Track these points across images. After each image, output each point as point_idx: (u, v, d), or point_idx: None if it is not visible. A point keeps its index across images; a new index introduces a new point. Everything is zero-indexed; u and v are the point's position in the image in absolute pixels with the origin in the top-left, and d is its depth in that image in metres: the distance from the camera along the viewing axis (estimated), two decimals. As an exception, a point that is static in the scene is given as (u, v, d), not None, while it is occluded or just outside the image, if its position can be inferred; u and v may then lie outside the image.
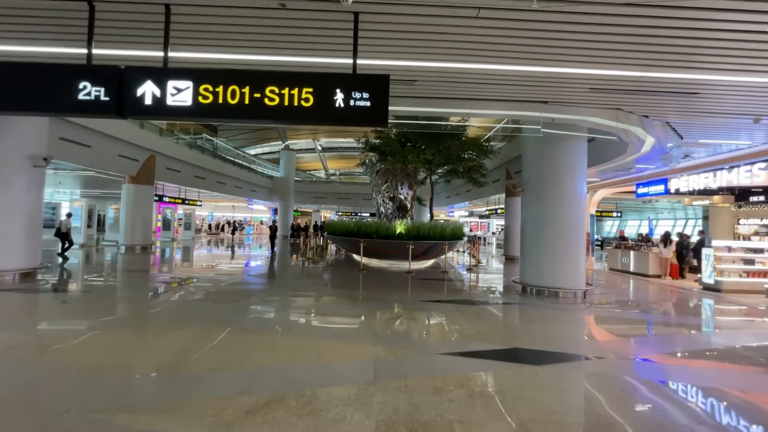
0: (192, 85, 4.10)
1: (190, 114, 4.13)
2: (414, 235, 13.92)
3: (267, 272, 13.31)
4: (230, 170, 26.12)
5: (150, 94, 4.10)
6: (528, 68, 5.49)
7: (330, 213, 55.31)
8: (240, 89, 4.12)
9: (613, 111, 7.34)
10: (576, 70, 5.54)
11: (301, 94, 4.14)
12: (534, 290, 10.10)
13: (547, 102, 7.12)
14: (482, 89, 6.61)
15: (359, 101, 4.15)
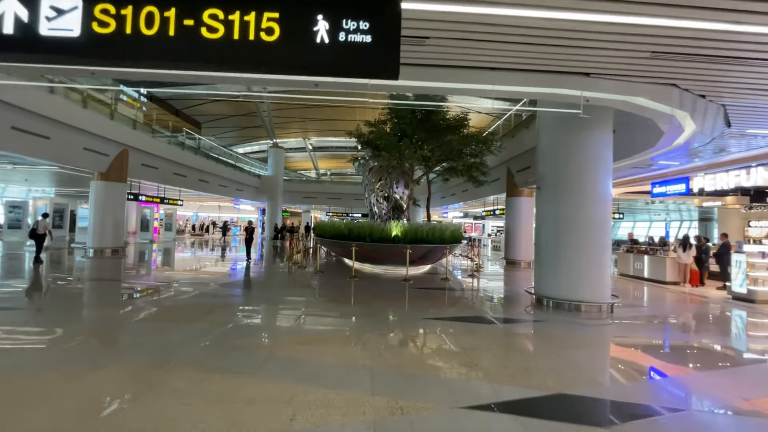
0: (81, 3, 2.50)
1: (78, 51, 2.53)
2: (411, 238, 12.39)
3: (245, 280, 11.64)
4: (214, 168, 24.33)
5: (11, 17, 2.49)
6: (586, 16, 3.97)
7: (320, 213, 53.60)
8: (161, 12, 2.52)
9: (666, 88, 5.86)
10: (647, 20, 4.04)
11: (260, 22, 2.56)
12: (551, 303, 8.63)
13: (589, 74, 5.60)
14: (511, 54, 5.07)
15: (354, 34, 2.59)
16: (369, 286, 10.66)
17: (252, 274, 12.77)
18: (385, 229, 12.62)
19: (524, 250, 16.76)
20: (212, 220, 38.64)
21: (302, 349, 5.21)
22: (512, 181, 16.92)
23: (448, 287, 10.96)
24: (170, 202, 22.26)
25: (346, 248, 12.90)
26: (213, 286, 10.12)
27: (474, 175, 15.67)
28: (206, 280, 11.31)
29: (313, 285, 10.78)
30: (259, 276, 12.52)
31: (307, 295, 9.50)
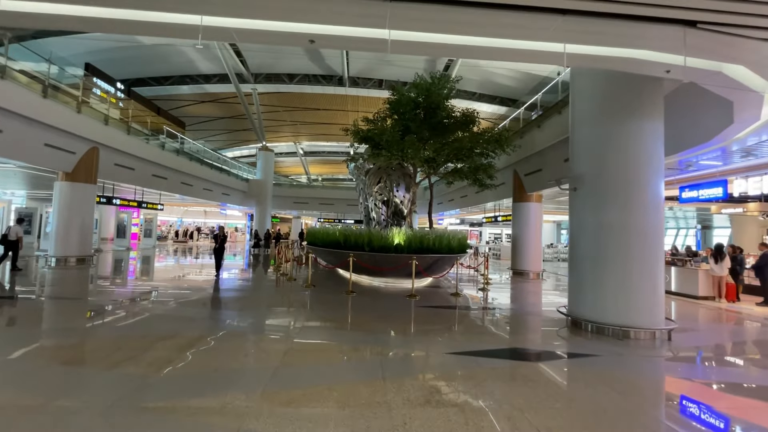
0: None
1: None
2: (417, 247, 10.69)
3: (221, 296, 9.79)
4: (198, 170, 22.37)
5: None
6: None
7: (311, 220, 51.67)
8: None
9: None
10: None
11: None
12: (592, 327, 7.01)
13: (696, 24, 3.99)
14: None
15: None
16: (369, 304, 8.91)
17: (231, 288, 10.93)
18: (386, 237, 10.90)
19: (533, 259, 15.19)
20: (197, 226, 36.40)
21: (284, 415, 3.46)
22: (520, 185, 15.39)
23: (460, 305, 9.26)
24: (149, 206, 20.22)
25: (341, 258, 11.16)
26: (174, 305, 8.25)
27: (480, 177, 14.07)
28: (172, 296, 9.34)
29: (303, 303, 9.00)
30: (239, 291, 10.68)
31: (295, 316, 7.71)
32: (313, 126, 36.21)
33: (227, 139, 41.11)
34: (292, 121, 35.30)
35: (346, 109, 31.59)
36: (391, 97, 12.32)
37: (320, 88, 27.79)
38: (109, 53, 21.11)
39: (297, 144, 42.23)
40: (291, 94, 28.99)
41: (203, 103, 31.12)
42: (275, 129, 36.89)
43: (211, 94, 29.07)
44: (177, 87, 27.78)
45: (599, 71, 7.27)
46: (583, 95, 7.66)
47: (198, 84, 27.54)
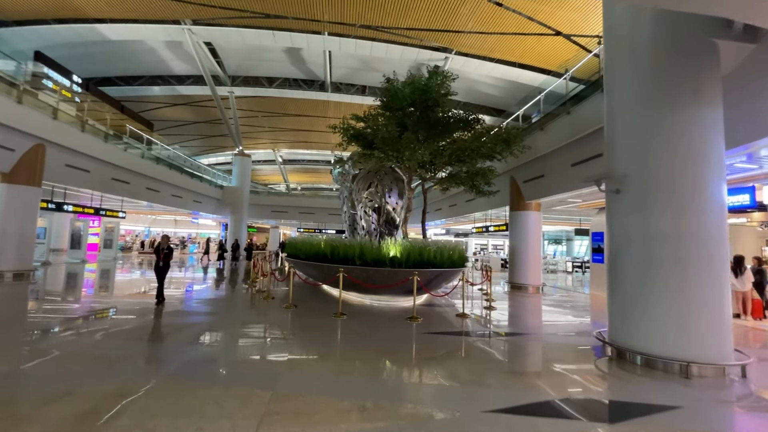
0: None
1: None
2: (416, 260, 9.11)
3: (175, 321, 7.89)
4: (166, 174, 20.19)
5: None
6: None
7: (290, 230, 49.44)
8: None
9: None
10: None
11: None
12: (642, 360, 5.60)
13: None
14: None
15: None
16: (365, 330, 7.22)
17: (192, 311, 9.03)
18: (380, 249, 9.28)
19: (532, 272, 13.86)
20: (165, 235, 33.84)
21: None
22: (518, 192, 14.11)
23: (473, 331, 7.69)
24: (108, 213, 17.90)
25: (328, 274, 9.48)
26: (101, 336, 6.36)
27: (477, 184, 12.68)
28: (108, 323, 7.22)
29: (284, 330, 7.24)
30: (202, 313, 8.79)
31: (273, 352, 5.94)
32: (292, 133, 34.39)
33: (202, 144, 38.72)
34: (271, 128, 33.39)
35: (328, 116, 29.99)
36: (384, 91, 10.82)
37: (301, 93, 26.14)
38: (72, 49, 18.99)
39: (276, 151, 40.24)
40: (270, 99, 27.22)
41: (176, 106, 28.90)
42: (253, 135, 34.85)
43: (185, 96, 26.97)
44: (147, 88, 25.58)
45: (646, 43, 5.98)
46: (625, 76, 6.28)
47: (170, 85, 25.45)
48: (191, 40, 19.54)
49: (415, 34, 19.51)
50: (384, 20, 18.44)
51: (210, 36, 20.08)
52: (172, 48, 21.23)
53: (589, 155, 10.22)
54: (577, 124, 10.40)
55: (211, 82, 22.85)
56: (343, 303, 8.65)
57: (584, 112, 10.17)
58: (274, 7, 17.25)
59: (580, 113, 10.31)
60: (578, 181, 10.90)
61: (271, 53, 22.07)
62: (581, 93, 10.80)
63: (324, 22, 19.10)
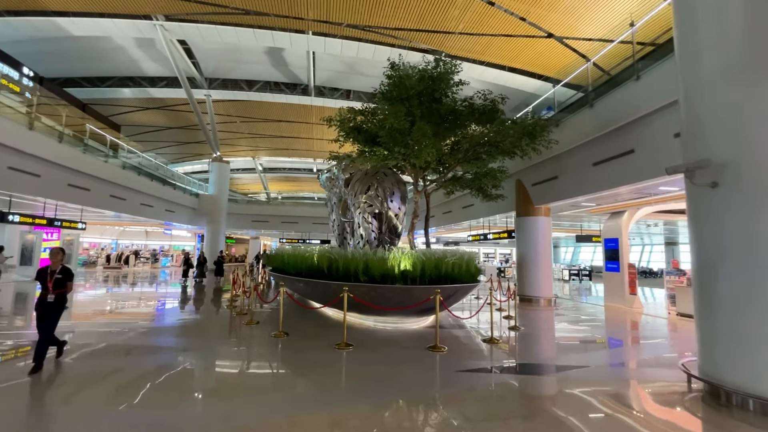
0: None
1: None
2: (433, 274, 7.44)
3: (120, 360, 5.93)
4: (134, 181, 17.88)
5: None
6: None
7: (270, 240, 46.97)
8: None
9: None
10: None
11: None
12: (751, 403, 4.13)
13: None
14: None
15: None
16: (381, 371, 5.46)
17: (155, 341, 7.06)
18: (388, 262, 7.57)
19: (543, 283, 12.44)
20: (135, 249, 30.70)
21: None
22: (525, 196, 12.75)
23: (514, 364, 6.06)
24: (65, 225, 15.47)
25: (325, 292, 7.70)
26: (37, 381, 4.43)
27: (484, 186, 11.20)
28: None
29: (275, 373, 5.42)
30: (169, 346, 6.84)
31: (260, 417, 4.13)
32: (273, 140, 32.34)
33: (177, 152, 36.08)
34: (251, 134, 31.29)
35: (310, 121, 28.24)
36: (388, 78, 9.19)
37: (283, 97, 24.26)
38: (32, 45, 16.76)
39: (255, 159, 38.02)
40: (250, 103, 25.27)
41: (149, 111, 26.50)
42: (231, 142, 32.61)
43: (158, 100, 24.68)
44: (117, 90, 23.20)
45: None
46: (720, 34, 4.80)
47: (142, 87, 23.16)
48: (164, 38, 17.54)
49: (403, 35, 18.14)
50: (371, 20, 17.02)
51: (184, 33, 18.09)
52: (143, 46, 19.13)
53: (618, 152, 8.92)
54: (602, 118, 9.09)
55: (186, 84, 20.79)
56: (339, 325, 6.88)
57: (612, 104, 8.87)
58: (255, 2, 15.54)
59: (607, 105, 9.01)
60: (602, 182, 9.60)
61: (251, 54, 20.24)
62: (603, 88, 9.51)
63: (308, 20, 17.49)
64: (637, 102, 8.12)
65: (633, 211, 11.94)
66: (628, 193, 10.18)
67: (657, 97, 7.67)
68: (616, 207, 12.19)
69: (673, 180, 8.74)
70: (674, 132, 7.53)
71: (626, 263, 11.79)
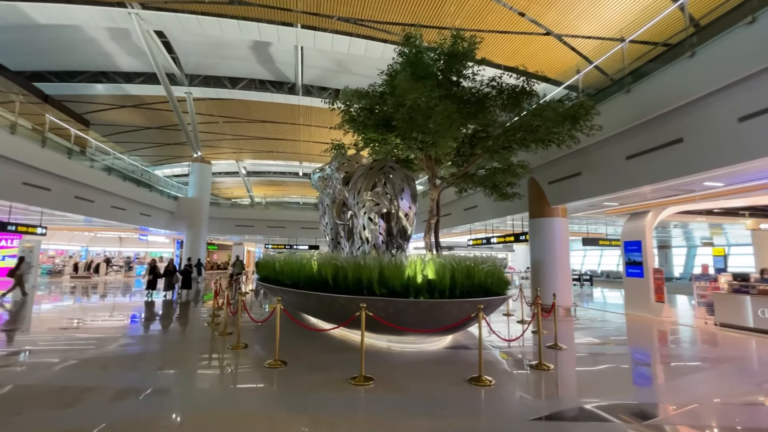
0: None
1: None
2: (465, 284, 5.92)
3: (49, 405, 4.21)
4: (104, 181, 15.80)
5: None
6: None
7: (254, 246, 44.68)
8: None
9: None
10: None
11: None
12: None
13: None
14: None
15: None
16: (421, 422, 3.90)
17: (104, 377, 5.31)
18: (405, 270, 6.04)
19: (562, 291, 11.11)
20: (107, 256, 28.05)
21: None
22: (540, 196, 11.47)
23: (599, 405, 4.60)
24: (20, 229, 13.27)
25: (330, 308, 6.11)
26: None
27: (499, 184, 9.82)
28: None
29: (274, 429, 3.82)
30: (121, 385, 5.09)
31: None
32: (258, 142, 30.39)
33: (156, 154, 33.60)
34: (234, 135, 29.27)
35: (298, 122, 26.55)
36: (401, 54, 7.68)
37: (269, 96, 22.48)
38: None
39: (239, 162, 35.92)
40: (233, 102, 23.41)
41: (124, 109, 24.25)
42: (214, 144, 30.50)
43: (135, 97, 22.55)
44: (89, 86, 20.99)
45: None
46: None
47: (116, 83, 21.01)
48: (140, 28, 15.66)
49: (397, 30, 16.74)
50: (364, 13, 15.60)
51: (162, 24, 16.23)
52: (117, 38, 17.17)
53: (661, 142, 7.69)
54: (642, 104, 7.86)
55: (165, 80, 18.86)
56: (342, 346, 5.31)
57: (657, 87, 7.63)
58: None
59: (649, 89, 7.77)
60: (638, 177, 8.35)
61: (235, 49, 18.49)
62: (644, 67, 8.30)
63: (297, 11, 15.92)
64: (690, 83, 6.92)
65: (657, 212, 10.78)
66: (662, 190, 9.00)
67: (718, 76, 6.47)
68: (639, 207, 11.03)
69: (719, 175, 7.57)
70: (739, 115, 6.34)
71: (651, 268, 10.60)
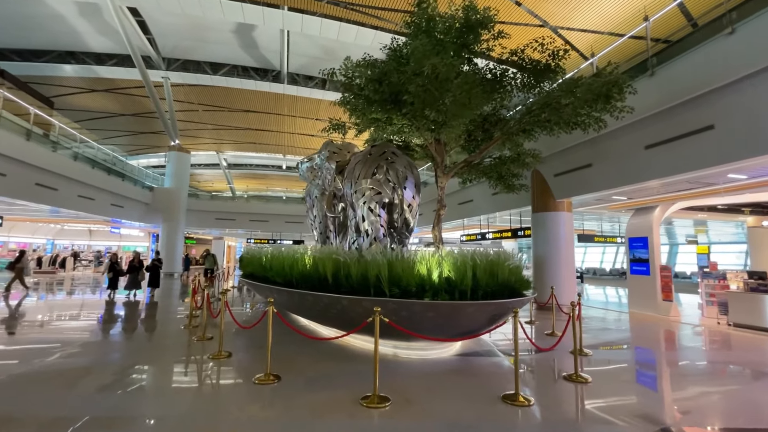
0: None
1: None
2: (489, 284, 5.05)
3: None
4: (70, 168, 14.24)
5: None
6: None
7: (235, 241, 42.93)
8: None
9: None
10: None
11: None
12: None
13: None
14: None
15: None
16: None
17: (53, 397, 4.21)
18: (416, 267, 5.12)
19: (566, 289, 10.46)
20: (74, 250, 25.96)
21: None
22: (544, 189, 10.77)
23: (669, 429, 3.81)
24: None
25: (329, 310, 5.14)
26: None
27: (505, 175, 9.03)
28: None
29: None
30: (66, 411, 4.01)
31: None
32: (240, 132, 28.80)
33: (131, 143, 31.47)
34: (215, 125, 27.62)
35: (282, 113, 25.22)
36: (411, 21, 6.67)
37: (252, 84, 21.06)
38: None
39: (220, 154, 34.17)
40: (214, 90, 21.89)
41: (96, 93, 22.35)
42: (193, 133, 28.72)
43: (107, 81, 20.72)
44: (56, 66, 19.10)
45: None
46: None
47: (86, 65, 19.18)
48: (112, 5, 14.12)
49: (390, 16, 15.68)
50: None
51: (137, 0, 14.72)
52: (87, 15, 15.53)
53: (689, 130, 7.03)
54: (668, 88, 7.18)
55: (140, 62, 17.30)
56: (352, 356, 4.37)
57: (687, 68, 6.94)
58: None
59: (677, 71, 7.08)
60: (659, 169, 7.68)
61: (216, 32, 17.05)
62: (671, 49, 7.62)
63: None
64: (728, 63, 6.24)
65: (666, 207, 10.23)
66: (678, 183, 8.40)
67: (762, 55, 5.80)
68: (647, 201, 10.46)
69: (748, 166, 6.97)
70: (785, 98, 5.69)
71: (658, 265, 10.05)
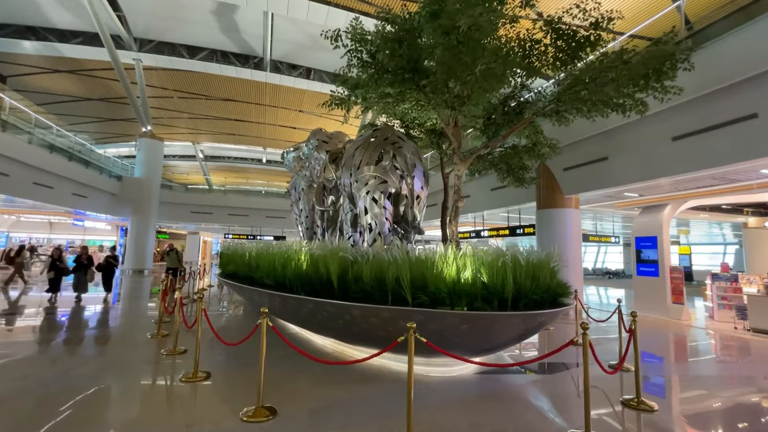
0: None
1: None
2: (533, 289, 4.12)
3: None
4: (22, 152, 12.41)
5: None
6: None
7: (211, 236, 40.80)
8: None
9: None
10: None
11: None
12: None
13: None
14: None
15: None
16: None
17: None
18: (441, 268, 4.13)
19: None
20: (31, 243, 23.59)
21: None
22: (552, 184, 9.99)
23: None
24: None
25: (336, 321, 4.08)
26: None
27: (515, 168, 8.16)
28: None
29: None
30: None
31: None
32: (218, 122, 27.02)
33: (99, 130, 29.05)
34: (191, 114, 25.75)
35: (264, 102, 23.72)
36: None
37: (233, 70, 19.48)
38: None
39: (196, 145, 32.13)
40: (191, 76, 20.19)
41: (60, 74, 20.20)
42: (167, 122, 26.71)
43: (72, 61, 18.68)
44: (13, 42, 16.98)
45: None
46: None
47: (48, 42, 17.16)
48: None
49: (380, 2, 14.51)
50: (346, -21, 13.38)
51: (105, -31, 13.07)
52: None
53: (728, 119, 6.33)
54: (704, 73, 6.44)
55: (109, 42, 15.55)
56: (360, 375, 3.33)
57: (728, 50, 6.21)
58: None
59: (716, 53, 6.35)
60: (690, 162, 6.97)
61: (194, 12, 15.47)
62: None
63: (270, -29, 13.46)
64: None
65: (677, 205, 9.65)
66: (701, 179, 7.76)
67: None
68: (660, 199, 9.86)
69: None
70: None
71: (667, 266, 9.46)
